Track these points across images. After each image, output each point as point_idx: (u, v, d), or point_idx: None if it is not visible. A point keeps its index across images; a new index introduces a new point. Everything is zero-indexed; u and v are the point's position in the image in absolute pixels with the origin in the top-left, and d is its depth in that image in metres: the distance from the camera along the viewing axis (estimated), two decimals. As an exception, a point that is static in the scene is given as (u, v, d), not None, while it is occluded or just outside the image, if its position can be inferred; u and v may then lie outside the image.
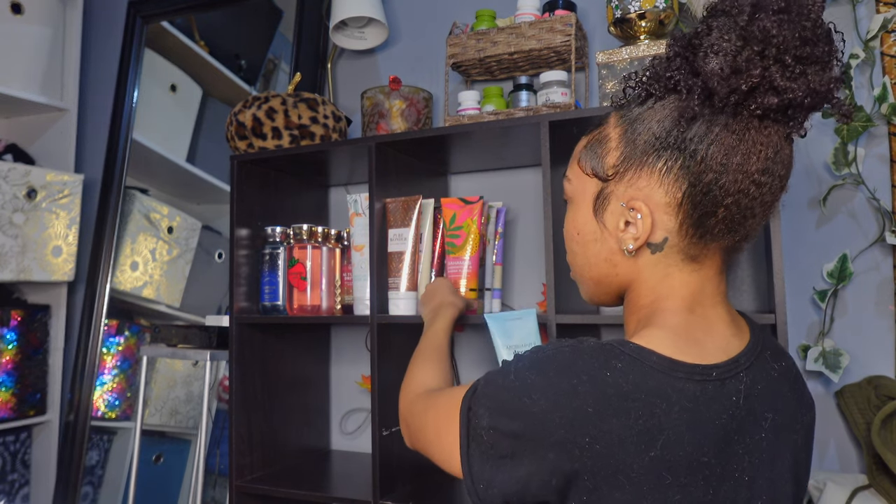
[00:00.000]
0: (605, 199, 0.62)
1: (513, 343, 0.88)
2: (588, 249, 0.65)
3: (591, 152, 0.64)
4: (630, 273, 0.63)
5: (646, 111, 0.60)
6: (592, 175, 0.63)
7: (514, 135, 1.17)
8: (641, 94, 0.61)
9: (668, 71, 0.58)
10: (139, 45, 1.93)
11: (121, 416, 1.89)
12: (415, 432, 0.73)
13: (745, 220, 0.59)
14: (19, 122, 1.99)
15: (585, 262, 0.66)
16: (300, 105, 1.34)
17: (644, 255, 0.62)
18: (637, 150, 0.59)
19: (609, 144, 0.62)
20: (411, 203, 1.21)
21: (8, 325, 1.80)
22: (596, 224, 0.64)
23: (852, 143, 1.18)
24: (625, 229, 0.61)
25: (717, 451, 0.55)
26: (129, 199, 1.90)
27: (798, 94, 0.54)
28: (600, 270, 0.65)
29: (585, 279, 0.68)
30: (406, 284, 1.20)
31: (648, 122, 0.59)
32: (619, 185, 0.61)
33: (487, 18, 1.33)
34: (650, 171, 0.59)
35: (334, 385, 1.61)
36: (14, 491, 1.83)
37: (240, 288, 1.36)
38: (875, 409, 1.10)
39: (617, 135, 0.62)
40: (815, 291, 1.20)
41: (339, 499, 1.20)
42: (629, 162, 0.60)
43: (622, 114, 0.62)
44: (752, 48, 0.53)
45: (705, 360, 0.57)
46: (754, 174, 0.57)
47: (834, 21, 1.24)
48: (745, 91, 0.54)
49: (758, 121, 0.56)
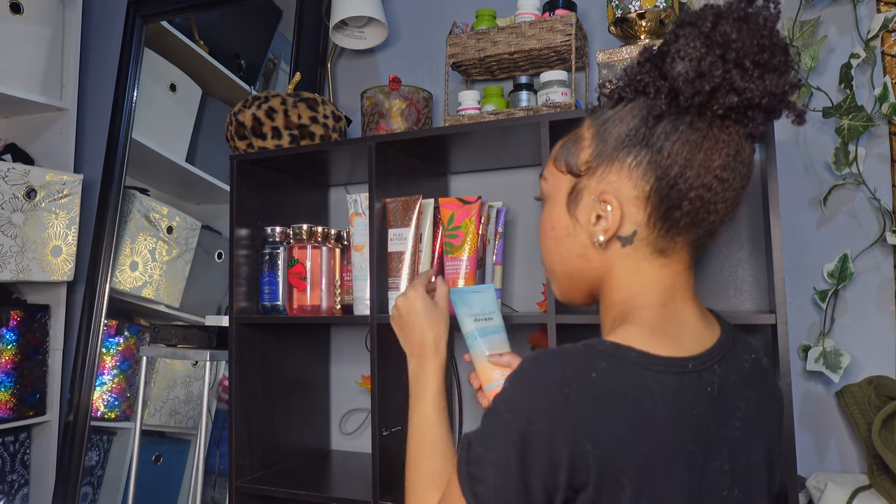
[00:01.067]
0: (577, 193, 0.66)
1: (473, 312, 0.93)
2: (561, 245, 0.68)
3: (565, 151, 0.68)
4: (602, 267, 0.66)
5: (617, 112, 0.65)
6: (567, 172, 0.67)
7: (514, 135, 1.17)
8: (614, 97, 0.65)
9: (639, 75, 0.62)
10: (139, 44, 1.92)
11: (120, 416, 1.88)
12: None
13: (708, 215, 0.62)
14: (19, 122, 1.99)
15: (559, 257, 0.69)
16: (300, 105, 1.34)
17: (615, 249, 0.65)
18: (608, 146, 0.63)
19: (582, 143, 0.66)
20: (411, 203, 1.21)
21: (7, 326, 1.80)
22: (569, 219, 0.67)
23: (853, 143, 1.18)
24: (596, 223, 0.64)
25: (698, 440, 0.57)
26: (128, 199, 1.90)
27: (756, 94, 0.58)
28: (573, 265, 0.68)
29: (558, 275, 0.71)
30: (406, 284, 1.20)
31: (619, 121, 0.64)
32: (591, 179, 0.65)
33: (487, 18, 1.33)
34: (620, 165, 0.63)
35: (334, 385, 1.60)
36: (13, 491, 1.83)
37: (240, 288, 1.35)
38: (875, 409, 1.10)
39: (590, 134, 0.66)
40: (816, 291, 1.20)
41: (339, 499, 1.20)
42: (600, 158, 0.64)
43: (596, 116, 0.67)
44: (715, 52, 0.57)
45: (680, 353, 0.59)
46: (717, 170, 0.60)
47: (834, 21, 1.24)
48: (708, 91, 0.58)
49: (720, 120, 0.61)
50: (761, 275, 1.23)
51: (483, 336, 0.91)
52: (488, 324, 0.92)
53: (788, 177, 1.24)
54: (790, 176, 1.24)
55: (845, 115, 1.17)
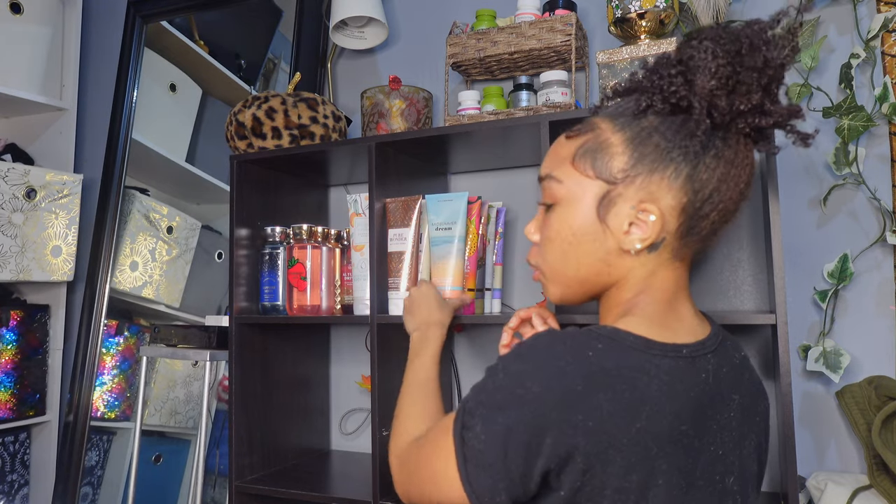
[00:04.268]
0: (611, 200, 0.65)
1: (439, 220, 1.01)
2: (581, 249, 0.67)
3: (590, 156, 0.66)
4: (621, 271, 0.67)
5: (650, 121, 0.64)
6: (596, 177, 0.65)
7: (514, 135, 1.17)
8: (640, 104, 0.64)
9: (671, 86, 0.62)
10: (139, 44, 1.92)
11: (120, 416, 1.88)
12: (407, 479, 0.69)
13: (723, 226, 0.66)
14: (19, 122, 1.99)
15: (575, 262, 0.67)
16: (300, 105, 1.34)
17: (641, 254, 0.65)
18: (647, 156, 0.63)
19: (612, 149, 0.65)
20: (411, 203, 1.21)
21: (7, 326, 1.80)
22: (598, 224, 0.65)
23: (853, 143, 1.18)
24: (628, 230, 0.64)
25: (693, 422, 0.59)
26: (128, 199, 1.90)
27: (783, 116, 0.62)
28: (591, 269, 0.67)
29: (568, 278, 0.69)
30: (406, 284, 1.20)
31: (655, 132, 0.63)
32: (628, 188, 0.64)
33: (487, 18, 1.33)
34: (660, 177, 0.63)
35: (334, 385, 1.60)
36: (13, 491, 1.83)
37: (240, 288, 1.35)
38: (875, 409, 1.10)
39: (619, 140, 0.65)
40: (816, 291, 1.20)
41: (339, 499, 1.20)
42: (640, 167, 0.63)
43: (619, 120, 0.66)
44: (752, 75, 0.60)
45: (676, 340, 0.62)
46: (742, 185, 0.64)
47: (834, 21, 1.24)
48: (743, 112, 0.61)
49: (744, 138, 0.64)
50: (761, 275, 1.23)
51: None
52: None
53: (788, 177, 1.24)
54: (790, 176, 1.24)
55: (845, 115, 1.17)
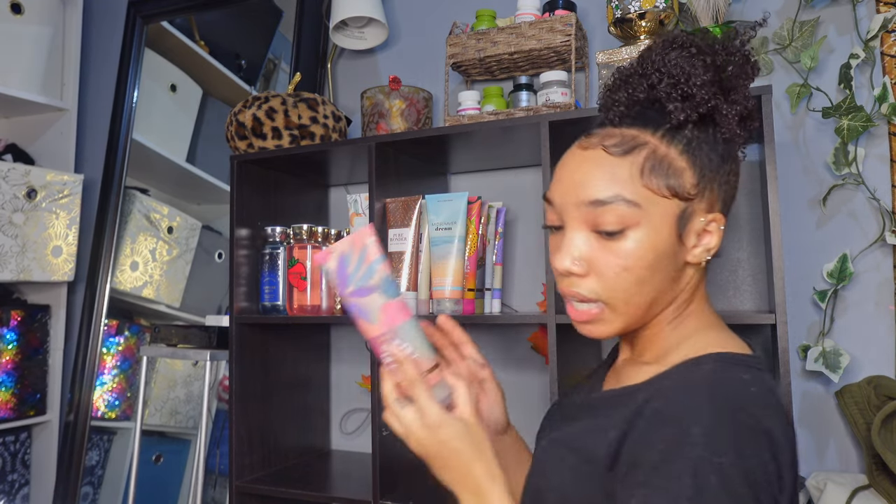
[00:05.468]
0: (688, 216, 0.64)
1: (439, 220, 0.98)
2: (659, 273, 0.63)
3: (661, 174, 0.62)
4: (681, 285, 0.67)
5: (696, 133, 0.64)
6: (672, 196, 0.62)
7: (514, 135, 1.17)
8: (678, 116, 0.63)
9: (711, 99, 0.63)
10: (139, 45, 1.92)
11: (121, 416, 1.88)
12: None
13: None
14: (19, 122, 1.99)
15: (651, 286, 0.64)
16: (300, 105, 1.34)
17: (700, 264, 0.67)
18: (708, 169, 0.64)
19: (676, 164, 0.63)
20: (411, 203, 1.21)
21: (8, 325, 1.80)
22: (676, 242, 0.63)
23: (852, 143, 1.18)
24: (697, 243, 0.65)
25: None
26: (129, 199, 1.90)
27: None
28: (663, 289, 0.65)
29: (638, 308, 0.65)
30: (406, 284, 1.20)
31: (706, 143, 0.64)
32: (700, 202, 0.64)
33: (487, 18, 1.33)
34: (717, 187, 0.65)
35: (334, 385, 1.60)
36: (14, 491, 1.83)
37: (240, 288, 1.36)
38: (875, 409, 1.10)
39: (677, 154, 0.63)
40: (816, 291, 1.20)
41: (339, 499, 1.20)
42: (705, 180, 0.64)
43: (659, 132, 0.64)
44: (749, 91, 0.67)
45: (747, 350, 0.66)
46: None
47: (834, 21, 1.24)
48: (748, 122, 0.67)
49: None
50: (761, 275, 1.23)
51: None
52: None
53: (788, 177, 1.24)
54: (790, 176, 1.24)
55: (845, 115, 1.17)
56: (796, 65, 1.23)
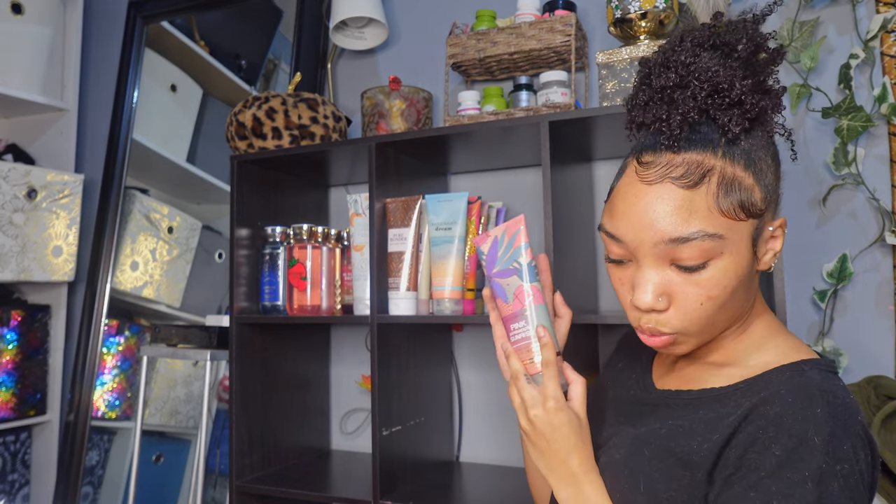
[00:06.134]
0: (761, 232, 0.64)
1: (439, 220, 0.98)
2: (739, 291, 0.63)
3: (734, 199, 0.61)
4: (752, 291, 0.67)
5: (750, 142, 0.63)
6: (747, 217, 0.61)
7: (514, 135, 1.17)
8: (734, 128, 0.61)
9: (763, 101, 0.63)
10: (139, 45, 1.93)
11: (121, 416, 1.89)
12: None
13: None
14: (19, 122, 1.99)
15: (730, 310, 0.64)
16: (300, 105, 1.34)
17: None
18: (768, 180, 0.64)
19: (745, 182, 0.61)
20: (411, 203, 1.21)
21: (8, 325, 1.80)
22: (752, 258, 0.63)
23: (852, 143, 1.18)
24: (766, 251, 0.65)
25: None
26: (129, 199, 1.90)
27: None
28: (739, 306, 0.65)
29: (715, 328, 0.65)
30: (406, 284, 1.20)
31: (760, 150, 0.64)
32: (767, 214, 0.64)
33: (487, 18, 1.33)
34: (775, 190, 0.65)
35: (334, 385, 1.61)
36: (14, 491, 1.83)
37: (240, 288, 1.36)
38: (875, 409, 1.10)
39: (742, 172, 0.61)
40: (815, 291, 1.20)
41: (339, 499, 1.20)
42: (768, 191, 0.63)
43: (719, 151, 0.62)
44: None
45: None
46: None
47: (834, 21, 1.24)
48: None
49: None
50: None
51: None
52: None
53: (788, 177, 1.24)
54: (790, 176, 1.24)
55: (844, 115, 1.17)
56: (796, 65, 1.23)
